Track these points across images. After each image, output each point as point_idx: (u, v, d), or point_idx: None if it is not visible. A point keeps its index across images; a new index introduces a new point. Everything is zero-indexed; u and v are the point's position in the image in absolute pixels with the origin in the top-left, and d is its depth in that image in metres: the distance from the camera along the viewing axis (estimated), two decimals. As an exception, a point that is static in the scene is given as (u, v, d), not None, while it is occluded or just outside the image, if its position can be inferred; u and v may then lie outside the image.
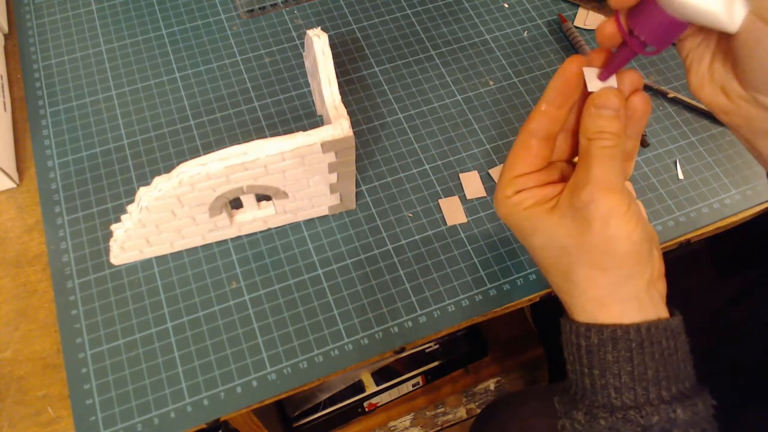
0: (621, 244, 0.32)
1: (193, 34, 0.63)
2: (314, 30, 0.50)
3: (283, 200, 0.48)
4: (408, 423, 1.08)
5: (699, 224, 0.53)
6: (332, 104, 0.46)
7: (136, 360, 0.46)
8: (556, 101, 0.35)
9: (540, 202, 0.35)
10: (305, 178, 0.46)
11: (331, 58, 0.48)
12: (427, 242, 0.52)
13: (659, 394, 0.32)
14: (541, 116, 0.35)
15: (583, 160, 0.33)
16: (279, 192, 0.46)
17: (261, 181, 0.44)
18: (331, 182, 0.47)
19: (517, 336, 1.10)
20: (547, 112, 0.35)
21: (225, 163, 0.41)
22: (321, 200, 0.50)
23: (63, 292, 0.49)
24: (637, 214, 0.32)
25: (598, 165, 0.32)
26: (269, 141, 0.42)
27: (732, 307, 0.69)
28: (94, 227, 0.51)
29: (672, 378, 0.32)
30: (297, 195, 0.48)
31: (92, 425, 0.44)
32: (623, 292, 0.33)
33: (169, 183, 0.42)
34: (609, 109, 0.33)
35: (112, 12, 0.64)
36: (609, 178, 0.32)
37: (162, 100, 0.58)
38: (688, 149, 0.57)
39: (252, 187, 0.45)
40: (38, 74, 0.60)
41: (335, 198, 0.50)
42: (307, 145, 0.42)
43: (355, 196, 0.51)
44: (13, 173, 0.53)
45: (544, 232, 0.35)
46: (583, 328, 0.33)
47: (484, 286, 0.50)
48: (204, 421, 0.44)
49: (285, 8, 0.65)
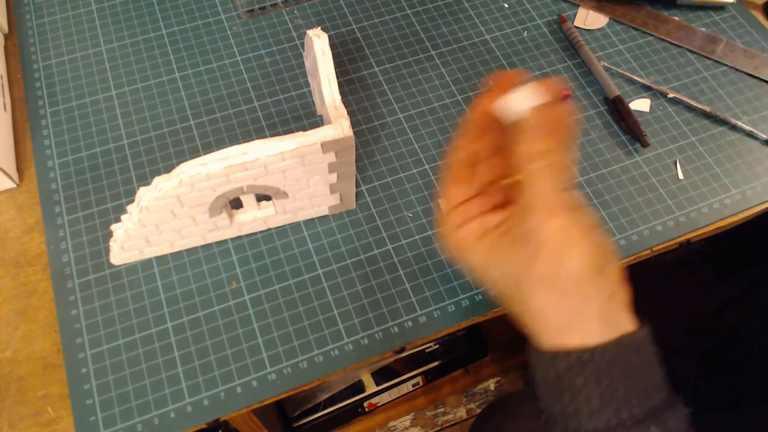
0: (574, 266, 0.31)
1: (193, 34, 0.63)
2: (314, 30, 0.50)
3: (283, 200, 0.48)
4: (408, 423, 1.08)
5: (699, 224, 0.53)
6: (332, 104, 0.46)
7: (136, 360, 0.46)
8: (475, 135, 0.36)
9: (489, 231, 0.35)
10: (305, 178, 0.46)
11: (331, 58, 0.48)
12: (427, 242, 0.52)
13: (631, 413, 0.31)
14: (464, 147, 0.36)
15: (525, 184, 0.33)
16: (279, 192, 0.46)
17: (261, 181, 0.44)
18: (331, 182, 0.47)
19: (517, 336, 1.09)
20: (468, 144, 0.36)
21: (225, 163, 0.41)
22: (321, 200, 0.50)
23: (63, 292, 0.49)
24: (586, 230, 0.32)
25: (539, 187, 0.32)
26: (269, 141, 0.42)
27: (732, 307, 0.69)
28: (94, 227, 0.51)
29: (643, 394, 0.31)
30: (297, 195, 0.48)
31: (92, 425, 0.44)
32: (584, 314, 0.32)
33: (169, 183, 0.42)
34: (537, 130, 0.33)
35: (112, 12, 0.64)
36: (552, 200, 0.32)
37: (162, 100, 0.58)
38: (688, 149, 0.57)
39: (252, 187, 0.45)
40: (38, 74, 0.60)
41: (335, 198, 0.50)
42: (307, 145, 0.42)
43: (355, 196, 0.51)
44: (13, 173, 0.53)
45: (497, 263, 0.34)
46: (549, 356, 0.32)
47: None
48: (204, 421, 0.44)
49: (285, 8, 0.65)
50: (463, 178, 0.37)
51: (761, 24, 0.65)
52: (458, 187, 0.37)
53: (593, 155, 0.56)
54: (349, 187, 0.49)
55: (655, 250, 0.52)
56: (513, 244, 0.34)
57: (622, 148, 0.57)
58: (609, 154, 0.57)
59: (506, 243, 0.34)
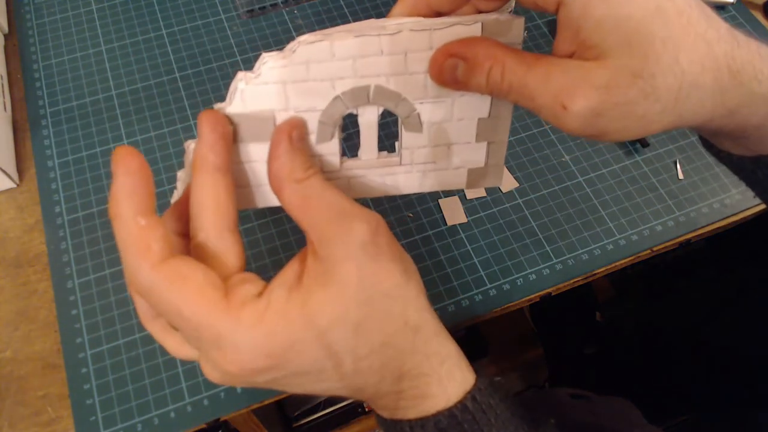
0: (360, 353, 0.26)
1: (193, 34, 0.63)
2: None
3: (416, 136, 0.34)
4: (408, 423, 1.08)
5: (699, 224, 0.53)
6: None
7: (136, 360, 0.46)
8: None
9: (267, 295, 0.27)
10: (449, 96, 0.32)
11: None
12: (427, 242, 0.52)
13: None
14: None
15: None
16: (413, 117, 0.33)
17: (395, 82, 0.31)
18: (481, 115, 0.33)
19: (517, 336, 1.10)
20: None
21: (357, 34, 0.29)
22: (462, 153, 0.34)
23: (63, 292, 0.49)
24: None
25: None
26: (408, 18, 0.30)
27: (731, 306, 0.69)
28: (94, 227, 0.51)
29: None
30: (434, 129, 0.33)
31: (92, 425, 0.44)
32: (408, 394, 0.28)
33: (275, 60, 0.30)
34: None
35: (112, 12, 0.64)
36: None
37: (162, 101, 0.58)
38: (688, 149, 0.57)
39: (381, 94, 0.31)
40: (38, 74, 0.60)
41: (480, 153, 0.35)
42: (464, 24, 0.29)
43: (503, 167, 0.36)
44: (13, 173, 0.53)
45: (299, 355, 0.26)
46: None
47: (484, 286, 0.50)
48: (204, 421, 0.44)
49: (285, 8, 0.65)
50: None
51: (761, 24, 0.65)
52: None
53: (593, 155, 0.56)
54: (502, 134, 0.34)
55: (655, 250, 0.52)
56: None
57: (622, 148, 0.57)
58: (609, 154, 0.57)
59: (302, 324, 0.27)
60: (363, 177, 0.35)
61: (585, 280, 0.51)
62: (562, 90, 0.25)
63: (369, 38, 0.29)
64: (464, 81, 0.28)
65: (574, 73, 0.25)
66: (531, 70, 0.26)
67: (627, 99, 0.24)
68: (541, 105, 0.26)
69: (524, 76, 0.26)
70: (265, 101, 0.30)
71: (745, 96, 0.26)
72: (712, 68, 0.25)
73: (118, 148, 0.26)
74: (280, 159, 0.28)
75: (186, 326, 0.25)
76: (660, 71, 0.24)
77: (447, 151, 0.34)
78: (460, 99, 0.32)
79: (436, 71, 0.28)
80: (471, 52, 0.27)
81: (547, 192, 0.54)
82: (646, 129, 0.26)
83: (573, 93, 0.25)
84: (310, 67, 0.30)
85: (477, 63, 0.27)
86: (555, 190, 0.54)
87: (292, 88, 0.30)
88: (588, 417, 0.54)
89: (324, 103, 0.31)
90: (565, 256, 0.51)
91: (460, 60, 0.27)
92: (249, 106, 0.30)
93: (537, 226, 0.53)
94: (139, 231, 0.25)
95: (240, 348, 0.25)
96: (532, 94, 0.26)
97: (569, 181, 0.55)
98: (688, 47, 0.24)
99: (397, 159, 0.34)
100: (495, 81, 0.27)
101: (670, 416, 0.80)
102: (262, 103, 0.30)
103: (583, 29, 0.25)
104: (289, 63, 0.29)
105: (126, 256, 0.25)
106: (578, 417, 0.54)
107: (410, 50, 0.30)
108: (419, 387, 0.28)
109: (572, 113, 0.25)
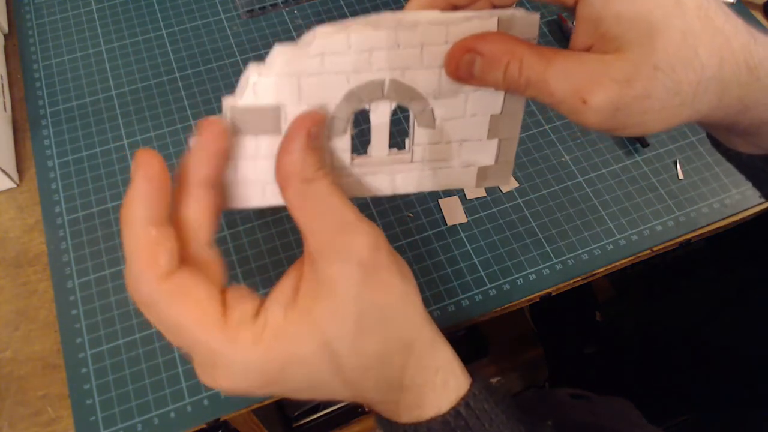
0: (355, 360, 0.26)
1: (193, 34, 0.63)
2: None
3: (428, 133, 0.33)
4: (408, 423, 1.08)
5: (699, 224, 0.53)
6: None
7: (136, 360, 0.46)
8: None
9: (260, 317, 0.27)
10: (463, 91, 0.32)
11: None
12: (427, 242, 0.52)
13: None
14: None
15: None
16: (426, 112, 0.32)
17: (410, 76, 0.31)
18: (494, 111, 0.32)
19: (517, 336, 1.10)
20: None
21: (374, 27, 0.29)
22: (473, 150, 0.34)
23: (63, 292, 0.49)
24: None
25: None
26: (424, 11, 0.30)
27: (731, 306, 0.69)
28: (94, 227, 0.51)
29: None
30: (446, 126, 0.33)
31: (92, 425, 0.44)
32: (404, 404, 0.28)
33: (289, 50, 0.29)
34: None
35: (112, 12, 0.64)
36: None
37: (162, 101, 0.58)
38: (688, 149, 0.57)
39: (395, 88, 0.31)
40: (38, 74, 0.60)
41: (491, 150, 0.34)
42: (480, 19, 0.29)
43: (513, 164, 0.36)
44: (13, 173, 0.53)
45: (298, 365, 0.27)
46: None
47: (484, 286, 0.50)
48: (204, 421, 0.44)
49: (285, 8, 0.65)
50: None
51: (761, 24, 0.65)
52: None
53: (593, 155, 0.56)
54: (514, 131, 0.33)
55: (655, 250, 0.52)
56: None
57: (622, 148, 0.57)
58: (609, 154, 0.57)
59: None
60: (372, 174, 0.34)
61: (585, 280, 0.51)
62: (581, 84, 0.25)
63: (386, 31, 0.29)
64: (481, 76, 0.28)
65: (594, 66, 0.25)
66: (549, 64, 0.25)
67: (647, 92, 0.24)
68: (560, 100, 0.25)
69: (543, 71, 0.26)
70: (278, 94, 0.29)
71: (761, 91, 0.26)
72: (730, 62, 0.25)
73: (140, 151, 0.25)
74: (292, 155, 0.27)
75: (182, 341, 0.26)
76: (680, 64, 0.24)
77: (458, 148, 0.34)
78: (474, 94, 0.32)
79: (453, 66, 0.28)
80: (488, 47, 0.27)
81: (547, 192, 0.54)
82: (664, 123, 0.26)
83: (593, 87, 0.24)
84: (324, 59, 0.29)
85: (494, 58, 0.27)
86: (555, 190, 0.54)
87: (305, 82, 0.29)
88: (588, 417, 0.54)
89: (338, 97, 0.30)
90: (565, 256, 0.51)
91: (477, 55, 0.27)
92: (261, 98, 0.29)
93: (537, 226, 0.53)
94: (148, 242, 0.24)
95: (233, 368, 0.25)
96: (550, 89, 0.26)
97: (569, 181, 0.55)
98: (707, 40, 0.24)
99: (408, 156, 0.34)
100: (512, 76, 0.27)
101: (670, 416, 0.80)
102: (275, 96, 0.29)
103: (604, 22, 0.25)
104: (303, 55, 0.29)
105: (131, 264, 0.25)
106: (578, 417, 0.54)
107: (426, 44, 0.29)
108: (414, 397, 0.28)
109: (592, 107, 0.25)
